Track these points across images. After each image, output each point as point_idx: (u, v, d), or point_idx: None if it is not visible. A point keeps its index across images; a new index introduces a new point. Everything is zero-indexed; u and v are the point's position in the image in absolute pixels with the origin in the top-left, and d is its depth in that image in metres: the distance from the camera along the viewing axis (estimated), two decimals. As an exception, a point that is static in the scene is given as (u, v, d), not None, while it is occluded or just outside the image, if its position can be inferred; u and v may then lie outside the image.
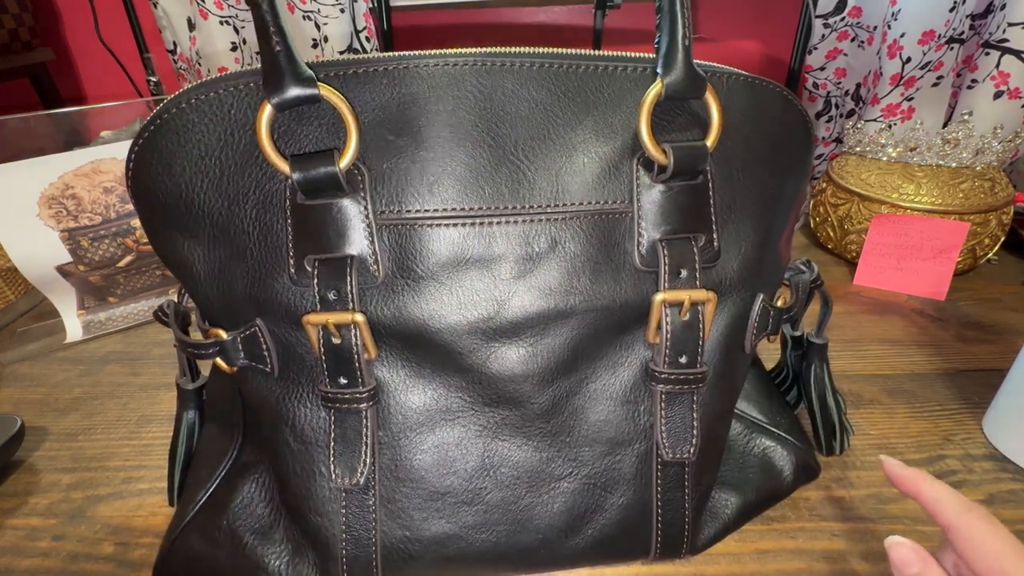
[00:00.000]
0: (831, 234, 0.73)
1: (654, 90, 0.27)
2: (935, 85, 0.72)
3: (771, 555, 0.36)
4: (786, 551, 0.36)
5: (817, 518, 0.38)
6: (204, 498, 0.33)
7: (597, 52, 0.28)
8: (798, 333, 0.43)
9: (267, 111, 0.25)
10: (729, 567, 0.35)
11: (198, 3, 0.80)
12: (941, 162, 0.66)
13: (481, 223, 0.27)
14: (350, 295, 0.27)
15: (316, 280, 0.27)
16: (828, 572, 0.35)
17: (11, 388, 0.54)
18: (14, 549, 0.38)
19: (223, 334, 0.29)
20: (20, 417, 0.45)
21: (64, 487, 0.43)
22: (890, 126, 0.69)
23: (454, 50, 0.27)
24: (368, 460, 0.29)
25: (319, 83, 0.25)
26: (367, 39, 0.85)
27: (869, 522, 0.38)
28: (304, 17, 0.82)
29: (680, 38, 0.26)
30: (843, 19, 0.78)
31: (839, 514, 0.39)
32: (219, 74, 0.27)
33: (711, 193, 0.29)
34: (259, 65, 0.25)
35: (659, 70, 0.27)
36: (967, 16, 0.68)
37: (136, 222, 0.60)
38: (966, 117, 0.65)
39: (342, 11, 0.81)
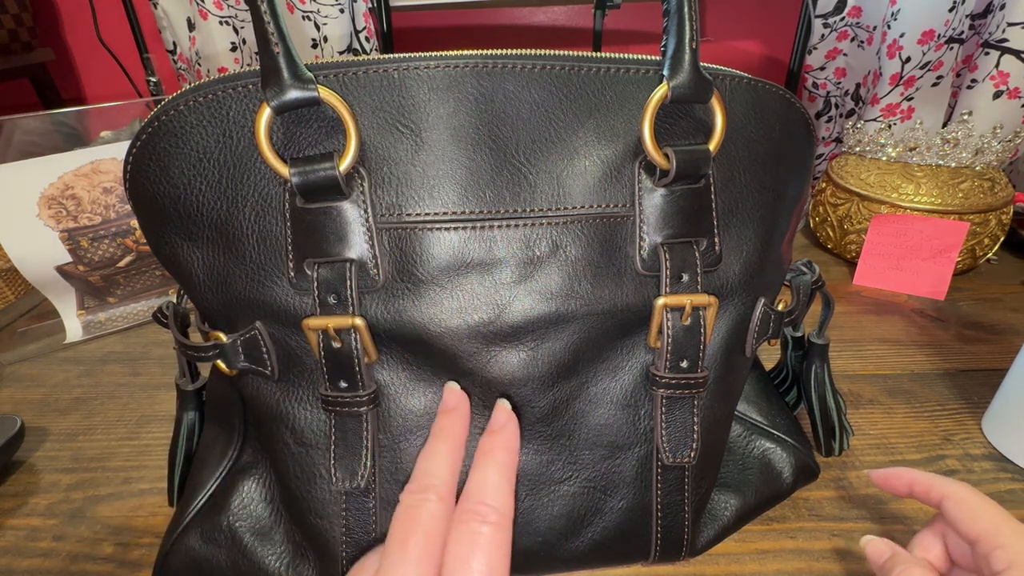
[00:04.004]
0: (831, 234, 0.73)
1: (659, 93, 0.27)
2: (935, 85, 0.72)
3: (771, 555, 0.36)
4: (786, 551, 0.36)
5: (817, 518, 0.39)
6: (204, 498, 0.33)
7: (600, 54, 0.28)
8: (799, 334, 0.43)
9: (266, 113, 0.25)
10: (728, 567, 0.36)
11: (198, 3, 0.80)
12: (941, 162, 0.66)
13: (482, 227, 0.27)
14: (350, 299, 0.27)
15: (316, 284, 0.27)
16: (828, 572, 0.35)
17: (11, 388, 0.54)
18: (14, 549, 0.38)
19: (223, 337, 0.29)
20: (20, 417, 0.45)
21: (64, 487, 0.43)
22: (890, 126, 0.69)
23: (455, 52, 0.27)
24: (368, 463, 0.29)
25: (318, 85, 0.25)
26: (367, 39, 0.85)
27: (868, 522, 0.38)
28: (304, 17, 0.82)
29: (688, 40, 0.26)
30: (843, 19, 0.78)
31: (839, 514, 0.39)
32: (219, 75, 0.27)
33: (713, 197, 0.29)
34: (258, 66, 0.25)
35: (665, 72, 0.27)
36: (967, 16, 0.68)
37: (136, 222, 0.60)
38: (966, 117, 0.65)
39: (342, 11, 0.81)
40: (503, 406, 0.29)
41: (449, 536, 0.25)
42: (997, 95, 0.69)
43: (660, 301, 0.29)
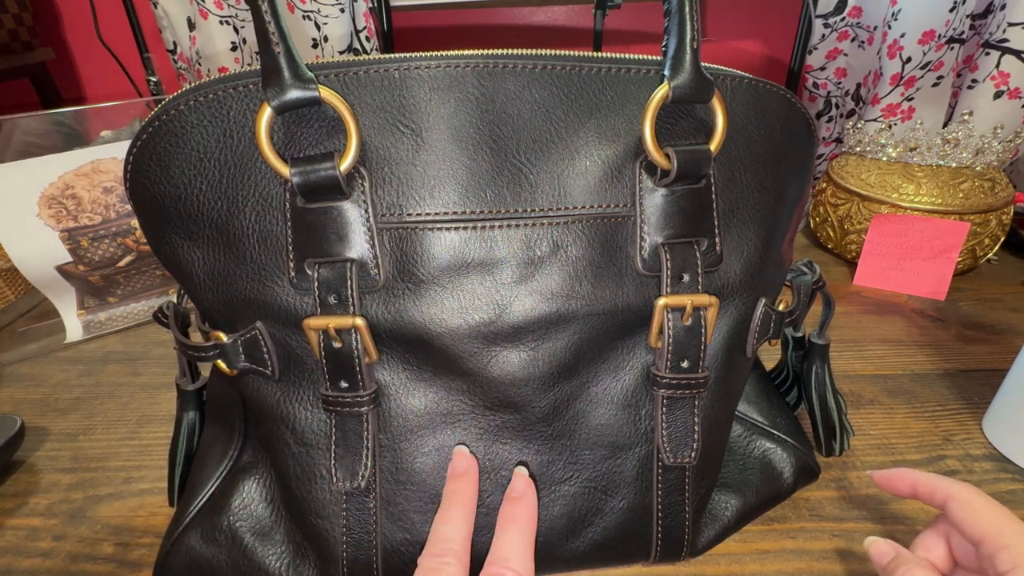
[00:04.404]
0: (831, 234, 0.73)
1: (660, 92, 0.27)
2: (935, 85, 0.72)
3: (771, 555, 0.36)
4: (786, 551, 0.36)
5: (817, 518, 0.39)
6: (204, 498, 0.33)
7: (600, 54, 0.28)
8: (799, 334, 0.43)
9: (267, 113, 0.25)
10: (729, 567, 0.35)
11: (198, 3, 0.79)
12: (941, 162, 0.66)
13: (482, 227, 0.27)
14: (351, 299, 0.27)
15: (317, 284, 0.27)
16: (828, 572, 0.35)
17: (11, 388, 0.54)
18: (14, 549, 0.38)
19: (223, 337, 0.29)
20: (20, 417, 0.45)
21: (64, 487, 0.43)
22: (890, 126, 0.69)
23: (455, 52, 0.27)
24: (369, 463, 0.29)
25: (319, 85, 0.25)
26: (367, 39, 0.85)
27: (869, 522, 0.38)
28: (304, 17, 0.82)
29: (689, 40, 0.26)
30: (843, 19, 0.78)
31: (839, 514, 0.39)
32: (219, 74, 0.27)
33: (714, 197, 0.29)
34: (259, 66, 0.25)
35: (666, 72, 0.27)
36: (967, 16, 0.68)
37: (136, 222, 0.60)
38: (966, 117, 0.65)
39: (342, 11, 0.81)
40: (521, 474, 0.30)
41: None
42: (998, 95, 0.69)
43: (661, 301, 0.29)
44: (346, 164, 0.26)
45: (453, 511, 0.29)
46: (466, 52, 0.27)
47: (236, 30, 0.83)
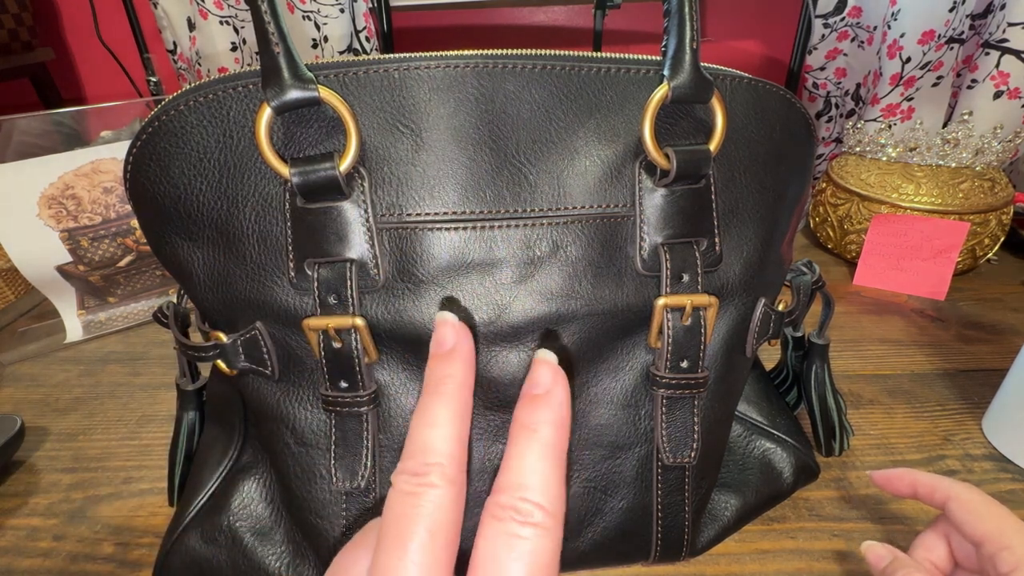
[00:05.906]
0: (831, 234, 0.73)
1: (659, 93, 0.27)
2: (935, 85, 0.72)
3: (771, 555, 0.36)
4: (786, 551, 0.36)
5: (817, 518, 0.39)
6: (204, 498, 0.33)
7: (600, 54, 0.28)
8: (799, 334, 0.43)
9: (266, 113, 0.25)
10: (729, 567, 0.36)
11: (198, 3, 0.80)
12: (941, 162, 0.66)
13: (482, 227, 0.27)
14: (350, 299, 0.27)
15: (316, 284, 0.27)
16: (828, 572, 0.35)
17: (11, 388, 0.54)
18: (14, 549, 0.38)
19: (223, 337, 0.29)
20: (20, 417, 0.45)
21: (64, 487, 0.43)
22: (890, 126, 0.69)
23: (455, 52, 0.27)
24: (369, 463, 0.29)
25: (319, 85, 0.25)
26: (367, 39, 0.85)
27: (869, 522, 0.38)
28: (304, 17, 0.82)
29: (688, 41, 0.26)
30: (843, 19, 0.78)
31: (839, 514, 0.39)
32: (219, 75, 0.27)
33: (713, 197, 0.29)
34: (259, 66, 0.25)
35: (666, 72, 0.27)
36: (967, 16, 0.68)
37: (136, 222, 0.60)
38: (966, 117, 0.65)
39: (342, 11, 0.81)
40: (546, 361, 0.21)
41: (479, 534, 0.19)
42: (997, 95, 0.69)
43: (660, 301, 0.28)
44: (346, 164, 0.26)
45: (438, 408, 0.20)
46: (466, 52, 0.27)
47: (236, 30, 0.83)
